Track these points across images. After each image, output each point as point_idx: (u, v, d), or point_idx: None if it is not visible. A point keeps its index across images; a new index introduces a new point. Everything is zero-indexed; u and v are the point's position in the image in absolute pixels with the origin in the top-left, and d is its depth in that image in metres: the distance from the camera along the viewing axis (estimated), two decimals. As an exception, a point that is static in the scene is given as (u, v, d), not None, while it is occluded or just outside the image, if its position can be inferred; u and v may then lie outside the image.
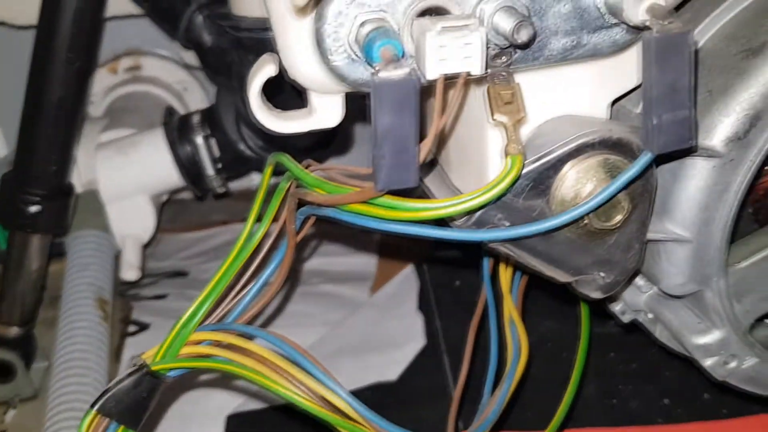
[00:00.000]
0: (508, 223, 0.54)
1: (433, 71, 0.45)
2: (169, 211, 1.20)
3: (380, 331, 0.99)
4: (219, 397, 0.89)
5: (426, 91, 0.48)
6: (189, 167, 1.03)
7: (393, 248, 1.11)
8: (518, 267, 0.73)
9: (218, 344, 0.60)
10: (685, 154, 0.56)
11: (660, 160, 0.58)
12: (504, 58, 0.50)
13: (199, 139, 1.03)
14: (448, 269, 1.06)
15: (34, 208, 0.89)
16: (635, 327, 0.73)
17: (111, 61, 1.19)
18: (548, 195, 0.53)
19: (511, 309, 0.72)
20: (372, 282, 1.08)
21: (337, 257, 1.13)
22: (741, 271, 0.62)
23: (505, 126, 0.50)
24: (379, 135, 0.45)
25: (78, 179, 1.03)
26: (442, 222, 0.55)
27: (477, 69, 0.45)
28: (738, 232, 0.65)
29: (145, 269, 1.06)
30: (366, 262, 1.12)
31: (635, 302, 0.68)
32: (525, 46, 0.49)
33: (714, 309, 0.62)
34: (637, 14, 0.47)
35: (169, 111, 1.10)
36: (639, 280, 0.66)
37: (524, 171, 0.52)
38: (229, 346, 0.60)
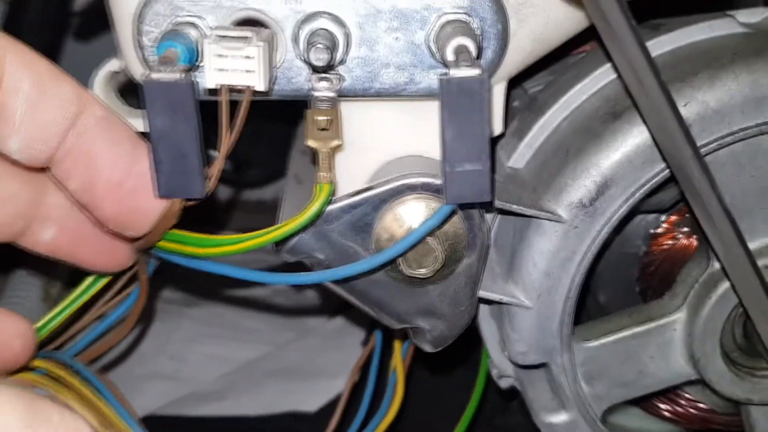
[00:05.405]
0: (322, 257, 0.51)
1: (211, 80, 0.43)
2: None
3: (317, 360, 0.98)
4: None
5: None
6: None
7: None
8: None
9: (48, 375, 0.56)
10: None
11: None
12: (327, 83, 0.48)
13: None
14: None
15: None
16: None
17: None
18: (368, 232, 0.51)
19: (397, 361, 0.71)
20: (333, 310, 1.06)
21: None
22: (591, 350, 0.57)
23: (318, 152, 0.47)
24: (154, 138, 0.44)
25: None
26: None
27: (260, 85, 0.43)
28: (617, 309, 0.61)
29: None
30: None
31: (505, 368, 0.63)
32: (322, 70, 0.46)
33: (560, 387, 0.57)
34: (446, 54, 0.44)
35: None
36: (505, 345, 0.62)
37: (342, 204, 0.50)
38: (58, 379, 0.54)
